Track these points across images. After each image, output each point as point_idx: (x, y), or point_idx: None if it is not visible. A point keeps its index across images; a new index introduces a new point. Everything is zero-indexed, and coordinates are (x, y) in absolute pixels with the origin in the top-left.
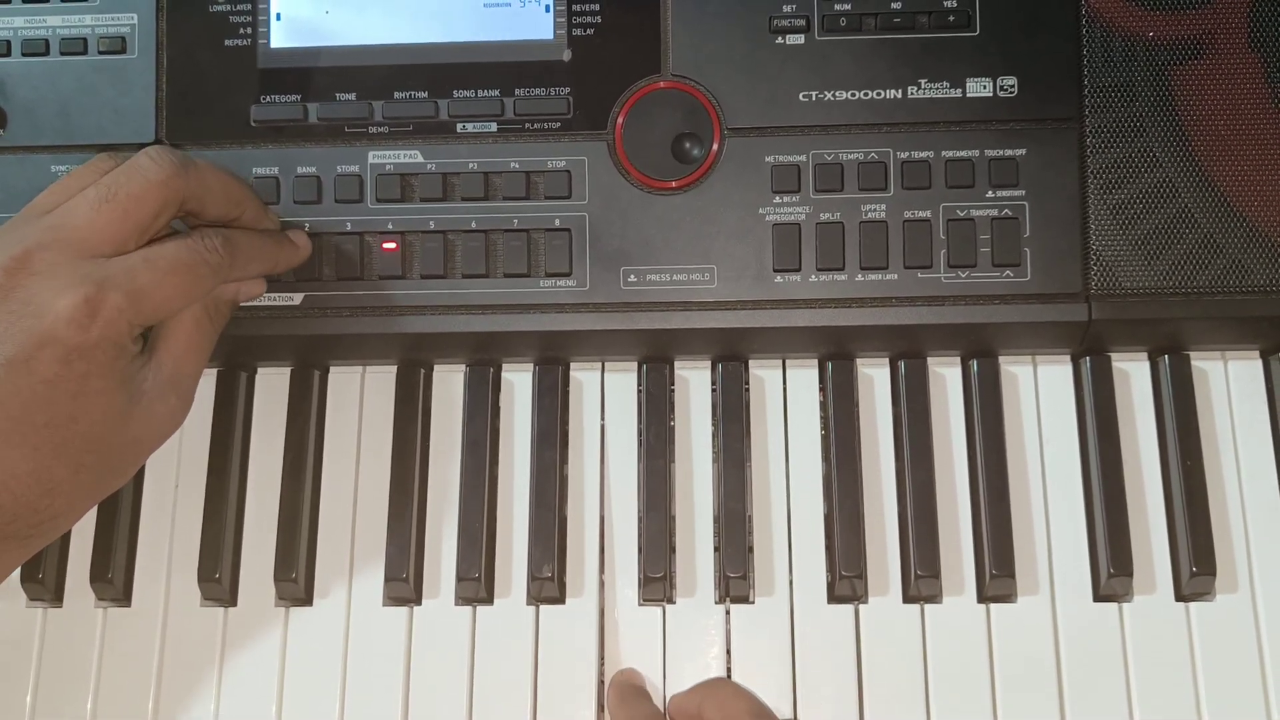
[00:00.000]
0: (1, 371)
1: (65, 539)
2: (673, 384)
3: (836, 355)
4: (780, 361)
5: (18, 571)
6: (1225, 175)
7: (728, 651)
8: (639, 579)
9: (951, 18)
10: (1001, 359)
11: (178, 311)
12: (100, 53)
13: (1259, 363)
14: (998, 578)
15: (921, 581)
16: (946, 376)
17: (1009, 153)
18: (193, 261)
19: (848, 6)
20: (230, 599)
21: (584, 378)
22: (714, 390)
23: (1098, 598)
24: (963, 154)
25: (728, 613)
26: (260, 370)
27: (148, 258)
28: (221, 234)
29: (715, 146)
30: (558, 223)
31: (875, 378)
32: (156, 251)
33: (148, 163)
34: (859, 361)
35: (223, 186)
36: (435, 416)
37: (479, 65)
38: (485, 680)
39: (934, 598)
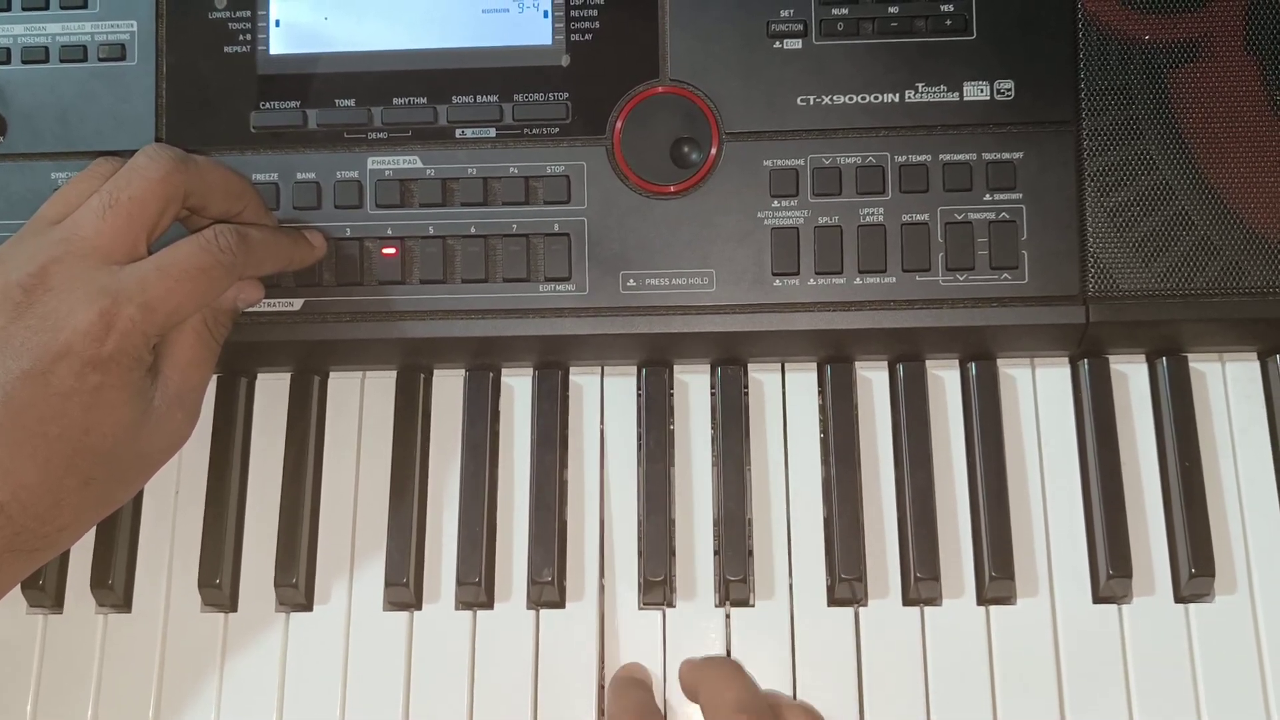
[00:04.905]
0: (18, 384)
1: None
2: (672, 388)
3: (835, 358)
4: (779, 365)
5: None
6: (1222, 177)
7: (728, 655)
8: (639, 583)
9: (949, 22)
10: (1000, 361)
11: (194, 313)
12: (100, 60)
13: (1256, 364)
14: (997, 580)
15: (921, 584)
16: (945, 379)
17: (1006, 156)
18: (206, 264)
19: (845, 11)
20: (230, 604)
21: (583, 382)
22: (713, 394)
23: (1097, 599)
24: (960, 157)
25: (728, 616)
26: (260, 376)
27: (160, 266)
28: (237, 230)
29: (713, 151)
30: (557, 227)
31: (874, 380)
32: (169, 258)
33: (146, 162)
34: (858, 364)
35: (223, 180)
36: (435, 421)
37: (477, 71)
38: (486, 685)
39: (933, 600)
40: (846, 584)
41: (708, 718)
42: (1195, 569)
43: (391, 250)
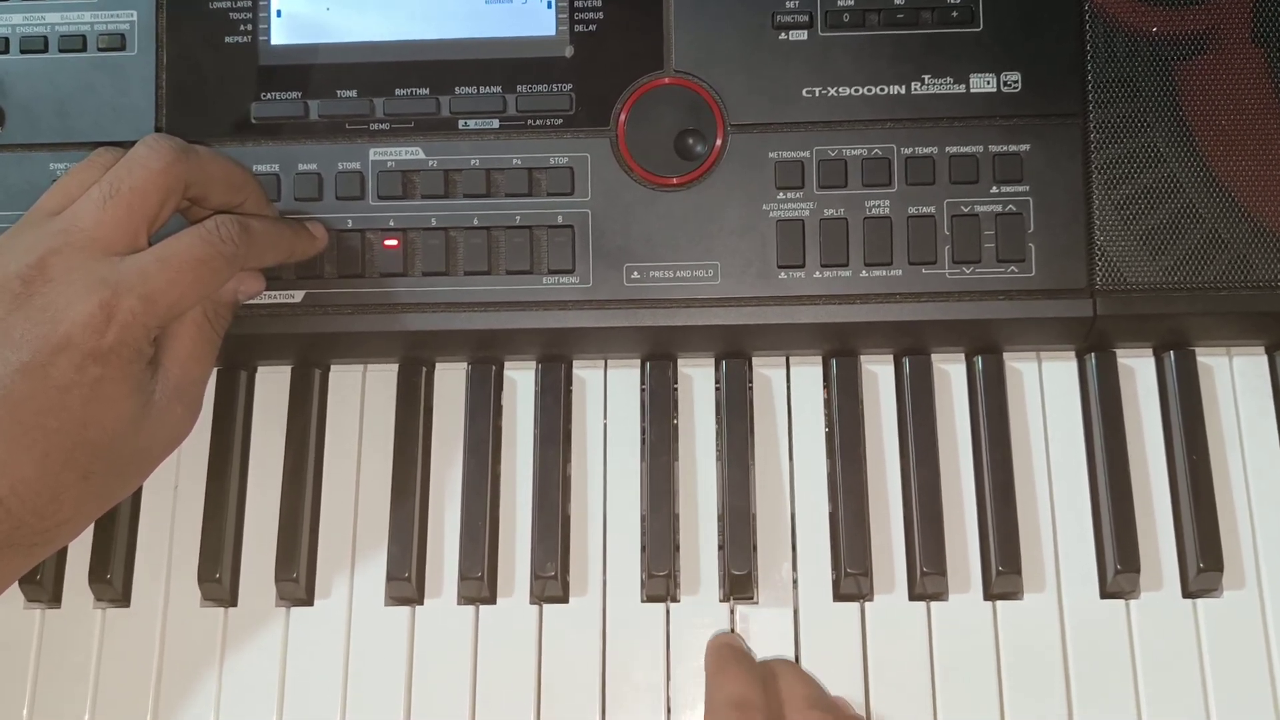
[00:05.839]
0: (18, 376)
1: None
2: (676, 382)
3: (840, 352)
4: (784, 358)
5: None
6: (1230, 170)
7: None
8: (643, 577)
9: (955, 13)
10: (1006, 355)
11: (195, 305)
12: (100, 50)
13: (1264, 358)
14: (1004, 575)
15: (927, 579)
16: (951, 373)
17: (1013, 148)
18: (207, 255)
19: (851, 2)
20: (230, 599)
21: (587, 375)
22: (717, 388)
23: (1104, 594)
24: (967, 150)
25: (732, 611)
26: (260, 369)
27: (161, 257)
28: (238, 221)
29: (718, 143)
30: (560, 219)
31: (879, 374)
32: (170, 249)
33: (146, 152)
34: (863, 358)
35: (224, 171)
36: (437, 415)
37: (480, 62)
38: (488, 680)
39: (940, 595)
40: (852, 579)
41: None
42: (1203, 564)
43: (393, 242)
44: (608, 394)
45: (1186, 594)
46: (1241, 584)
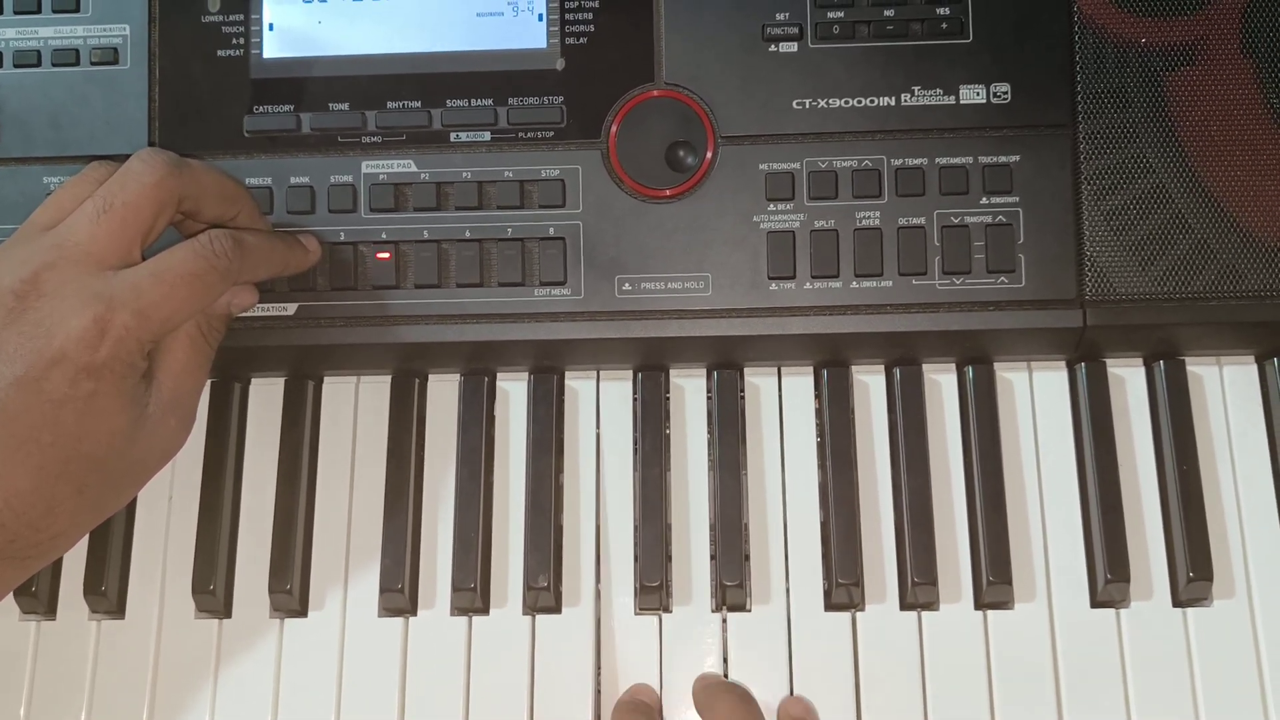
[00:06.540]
0: (12, 390)
1: None
2: (668, 392)
3: (832, 362)
4: (775, 369)
5: None
6: (1219, 180)
7: (724, 660)
8: (635, 588)
9: (944, 25)
10: (997, 365)
11: (189, 320)
12: (92, 64)
13: (1254, 367)
14: (994, 585)
15: (918, 589)
16: (942, 383)
17: (1003, 159)
18: (200, 270)
19: (841, 14)
20: (225, 611)
21: (579, 386)
22: (709, 398)
23: (1095, 604)
24: (956, 161)
25: (724, 621)
26: (254, 381)
27: (155, 272)
28: (232, 235)
29: (709, 154)
30: (552, 231)
31: (870, 385)
32: (164, 264)
33: (140, 166)
34: (854, 369)
35: (217, 184)
36: (430, 426)
37: (472, 74)
38: (481, 691)
39: (931, 605)
40: (843, 589)
41: None
42: (1193, 573)
43: (386, 254)
44: (600, 405)
45: (1176, 603)
46: (1231, 593)
